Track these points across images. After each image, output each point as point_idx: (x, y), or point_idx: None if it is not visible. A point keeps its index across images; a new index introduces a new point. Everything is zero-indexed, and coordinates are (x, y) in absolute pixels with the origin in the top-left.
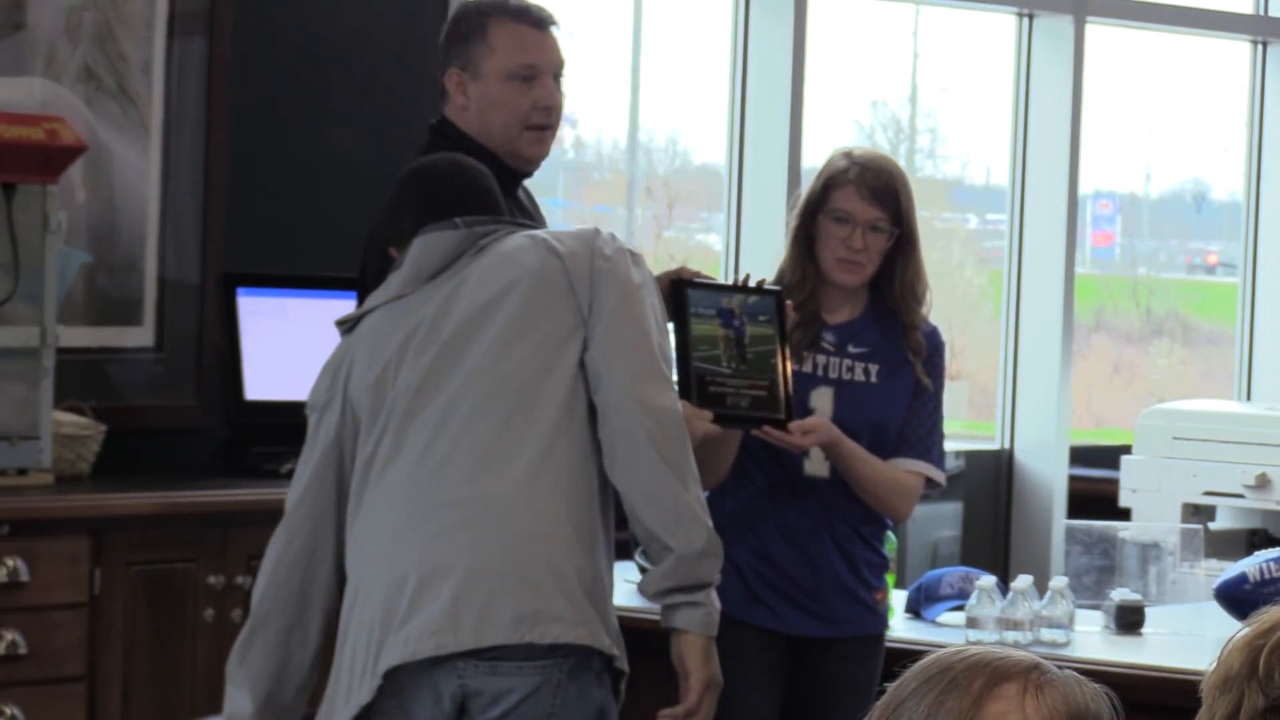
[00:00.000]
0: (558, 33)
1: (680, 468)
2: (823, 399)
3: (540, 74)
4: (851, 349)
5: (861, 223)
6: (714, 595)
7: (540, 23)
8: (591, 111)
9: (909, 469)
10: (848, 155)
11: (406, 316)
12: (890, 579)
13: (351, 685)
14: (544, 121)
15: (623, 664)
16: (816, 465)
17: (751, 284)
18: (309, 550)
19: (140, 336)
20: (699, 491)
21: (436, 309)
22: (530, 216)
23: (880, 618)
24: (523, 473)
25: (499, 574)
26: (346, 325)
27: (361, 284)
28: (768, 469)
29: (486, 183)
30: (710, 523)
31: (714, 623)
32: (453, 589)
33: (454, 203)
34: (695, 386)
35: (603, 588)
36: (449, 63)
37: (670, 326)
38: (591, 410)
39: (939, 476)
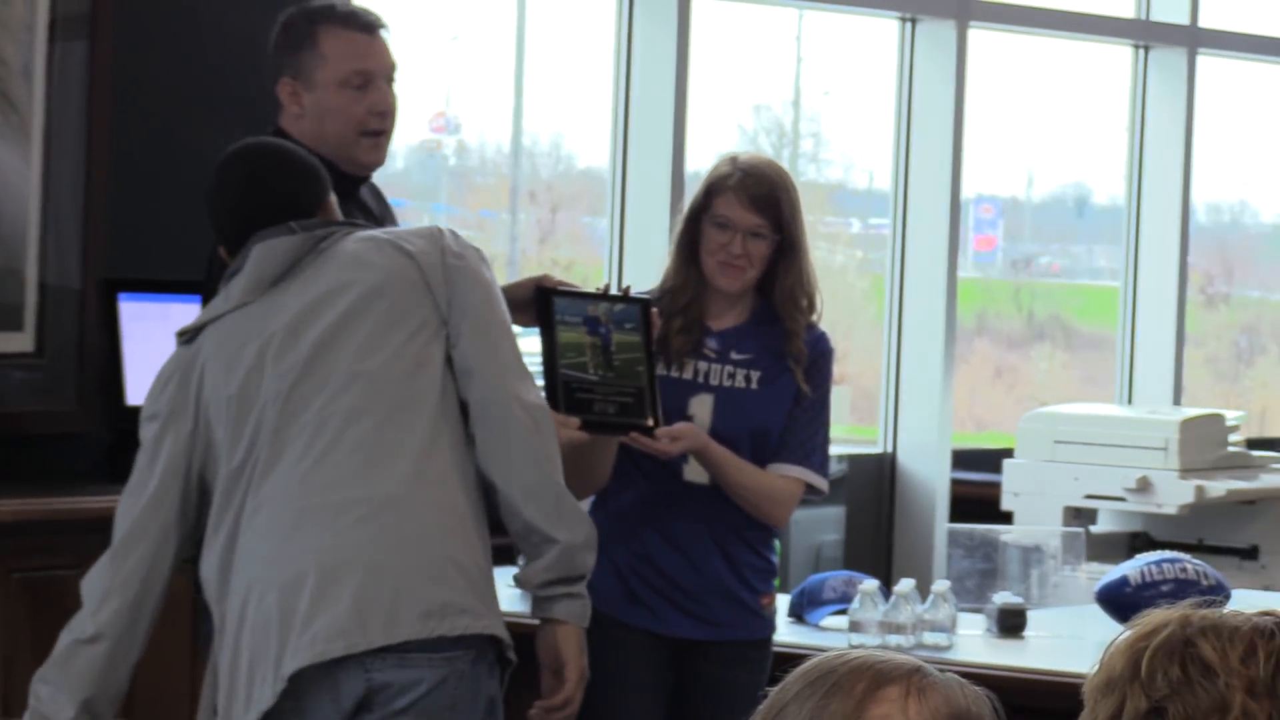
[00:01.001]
0: (387, 36)
1: (555, 462)
2: (702, 406)
3: (373, 79)
4: (734, 355)
5: (741, 229)
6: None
7: (369, 27)
8: (474, 116)
9: (785, 474)
10: (733, 161)
11: (257, 324)
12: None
13: (250, 691)
14: (379, 126)
15: (512, 654)
16: (696, 471)
17: (615, 292)
18: (148, 563)
19: (20, 342)
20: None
21: (292, 316)
22: (373, 216)
23: (765, 621)
24: (410, 469)
25: (402, 569)
26: (187, 335)
27: (206, 287)
28: (648, 473)
29: (300, 169)
30: (587, 514)
31: (588, 615)
32: (355, 586)
33: (277, 207)
34: (562, 393)
35: (492, 579)
36: (280, 72)
37: (536, 333)
38: (463, 407)
39: (819, 483)
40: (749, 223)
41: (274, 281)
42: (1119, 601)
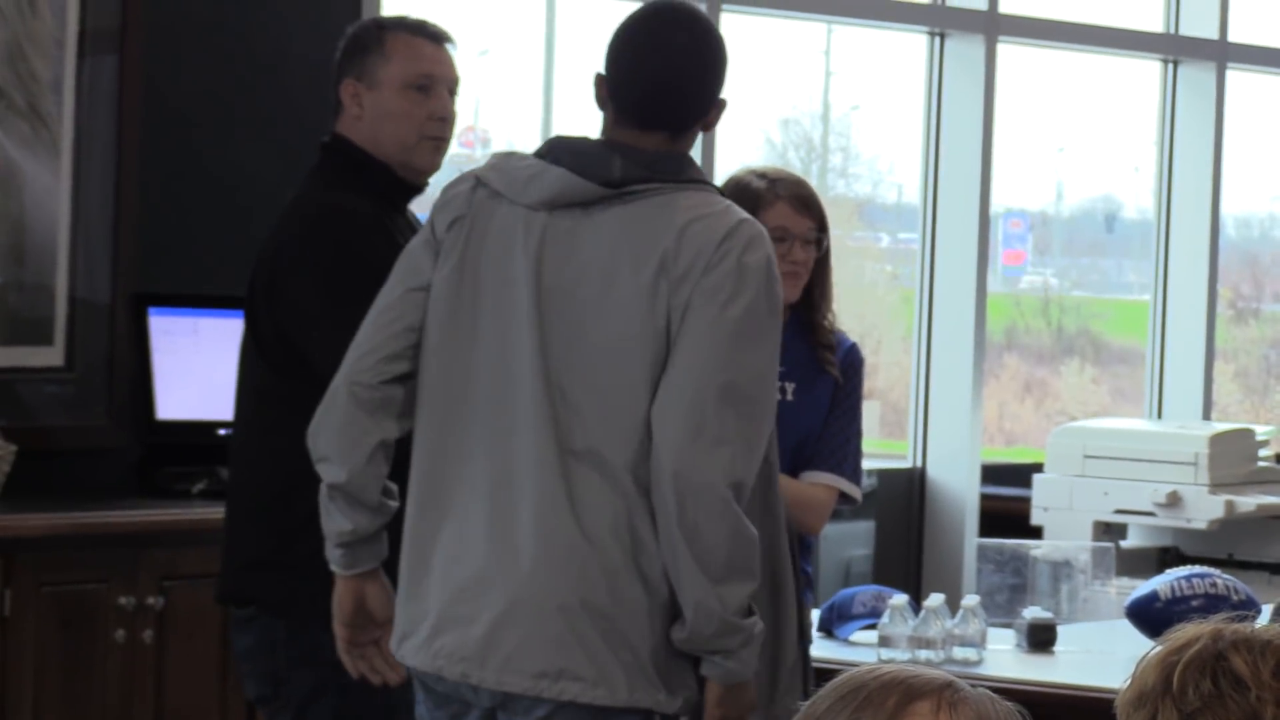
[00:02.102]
0: (454, 51)
1: None
2: None
3: (436, 85)
4: None
5: (799, 236)
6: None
7: (437, 37)
8: (504, 130)
9: (819, 482)
10: (761, 175)
11: None
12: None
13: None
14: (439, 133)
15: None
16: None
17: None
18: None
19: (51, 356)
20: None
21: None
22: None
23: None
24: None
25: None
26: None
27: (249, 303)
28: None
29: None
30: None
31: (731, 674)
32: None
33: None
34: None
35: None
36: (344, 74)
37: None
38: None
39: (853, 491)
40: (804, 227)
41: None
42: (1149, 616)
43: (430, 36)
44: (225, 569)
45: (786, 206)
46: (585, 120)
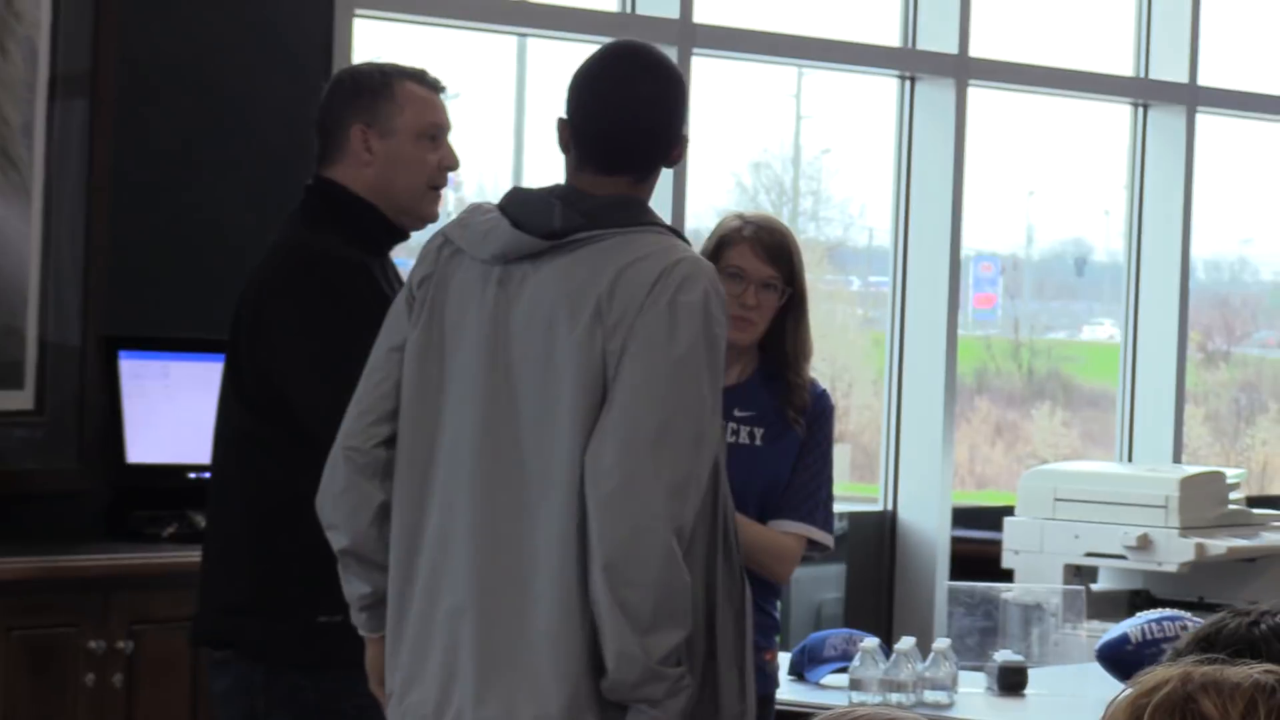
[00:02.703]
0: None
1: None
2: None
3: (444, 135)
4: (738, 412)
5: (754, 280)
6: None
7: (436, 86)
8: (475, 173)
9: (788, 530)
10: (740, 216)
11: None
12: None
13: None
14: (445, 182)
15: None
16: None
17: None
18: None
19: (21, 400)
20: None
21: None
22: (398, 279)
23: (768, 677)
24: None
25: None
26: None
27: (232, 345)
28: None
29: None
30: None
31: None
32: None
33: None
34: None
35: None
36: (351, 119)
37: None
38: None
39: (823, 538)
40: (763, 274)
41: None
42: (1120, 659)
43: (431, 86)
44: (203, 611)
45: (748, 248)
46: (556, 163)
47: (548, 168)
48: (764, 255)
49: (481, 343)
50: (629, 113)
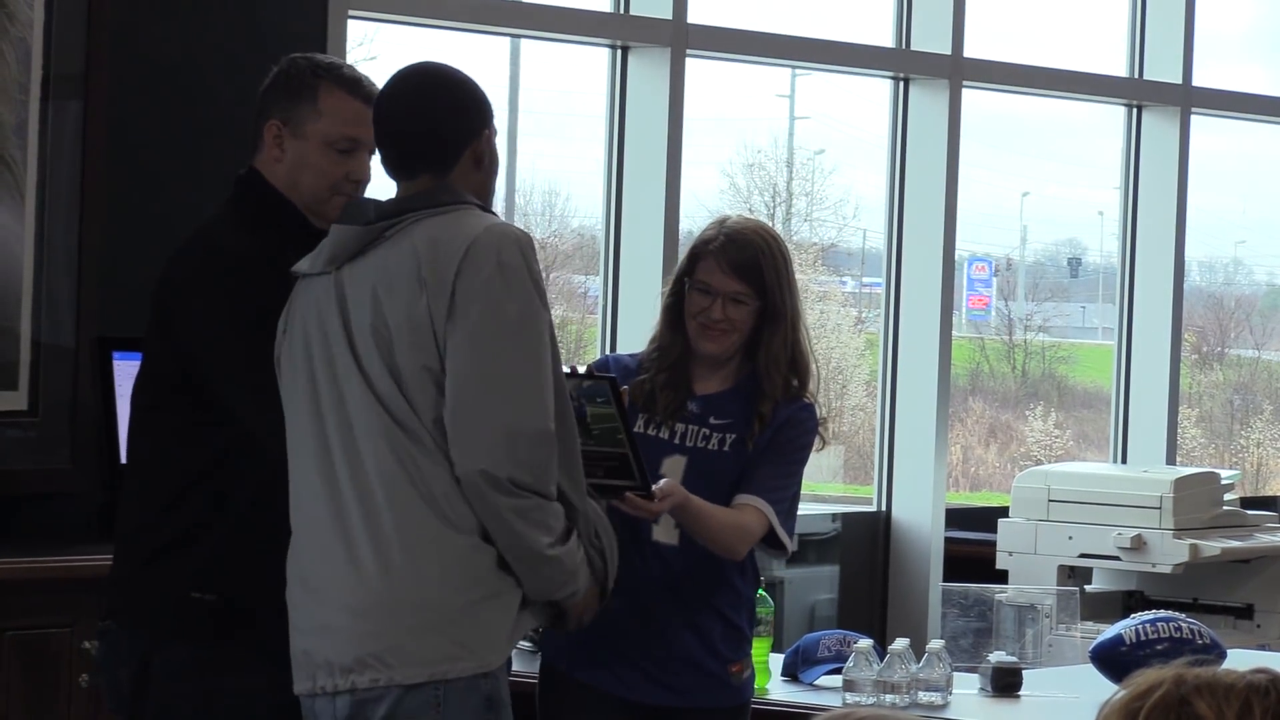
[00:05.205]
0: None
1: None
2: (674, 466)
3: (360, 148)
4: (713, 420)
5: (721, 294)
6: None
7: (369, 98)
8: None
9: (749, 503)
10: (720, 225)
11: None
12: (766, 643)
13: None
14: (352, 192)
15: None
16: (664, 532)
17: (580, 370)
18: None
19: (14, 400)
20: None
21: None
22: None
23: (735, 690)
24: None
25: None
26: None
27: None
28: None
29: None
30: None
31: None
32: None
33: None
34: None
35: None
36: (269, 113)
37: None
38: None
39: (782, 535)
40: (729, 288)
41: None
42: (1114, 660)
43: (364, 97)
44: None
45: (713, 263)
46: (554, 163)
47: (544, 168)
48: (730, 269)
49: (340, 340)
50: (401, 124)
